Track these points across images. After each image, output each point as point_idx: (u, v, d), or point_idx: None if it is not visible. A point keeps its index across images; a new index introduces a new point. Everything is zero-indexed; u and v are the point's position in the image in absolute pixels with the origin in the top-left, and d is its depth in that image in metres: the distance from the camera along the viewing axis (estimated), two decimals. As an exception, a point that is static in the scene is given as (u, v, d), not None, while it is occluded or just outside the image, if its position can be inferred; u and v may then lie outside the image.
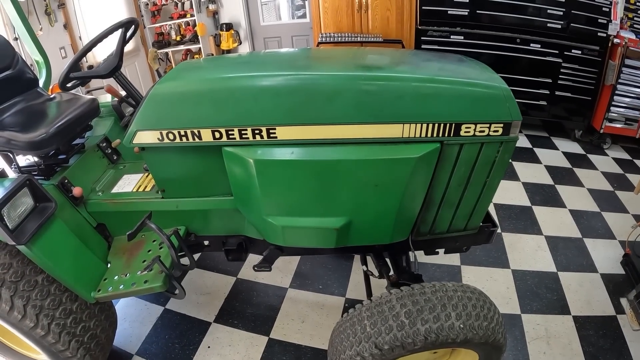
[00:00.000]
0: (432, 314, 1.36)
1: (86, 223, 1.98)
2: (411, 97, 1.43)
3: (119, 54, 1.81)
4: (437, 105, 1.43)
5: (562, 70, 4.15)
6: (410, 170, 1.48)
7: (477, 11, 4.06)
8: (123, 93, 2.00)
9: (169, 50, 5.98)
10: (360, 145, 1.49)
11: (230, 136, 1.51)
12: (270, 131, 1.48)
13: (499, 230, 3.01)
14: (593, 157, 4.23)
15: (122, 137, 1.66)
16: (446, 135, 1.45)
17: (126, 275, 1.83)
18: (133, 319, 2.51)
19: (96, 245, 1.96)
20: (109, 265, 1.94)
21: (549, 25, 3.98)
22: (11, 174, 1.98)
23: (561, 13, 3.96)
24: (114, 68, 1.81)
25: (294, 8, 5.71)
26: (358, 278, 2.64)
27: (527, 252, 2.84)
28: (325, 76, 1.48)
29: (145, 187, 1.99)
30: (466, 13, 4.08)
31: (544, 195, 3.55)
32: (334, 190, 1.57)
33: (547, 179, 3.79)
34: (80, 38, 4.71)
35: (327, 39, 4.17)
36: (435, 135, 1.45)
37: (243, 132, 1.50)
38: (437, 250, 2.00)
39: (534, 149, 4.35)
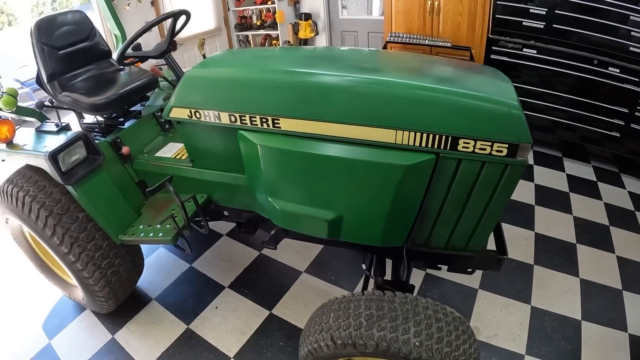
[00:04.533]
0: (390, 323, 1.36)
1: (130, 178, 2.33)
2: (402, 103, 1.47)
3: (169, 40, 2.14)
4: (432, 114, 1.44)
5: (641, 101, 3.77)
6: (399, 177, 1.53)
7: (554, 25, 3.82)
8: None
9: (249, 33, 6.38)
10: (353, 146, 1.58)
11: (243, 121, 1.74)
12: (275, 121, 1.68)
13: (531, 263, 2.87)
14: (661, 204, 3.78)
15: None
16: (442, 147, 1.46)
17: (149, 227, 2.16)
18: (160, 268, 2.89)
19: (134, 198, 2.32)
20: (141, 215, 2.29)
21: (631, 49, 3.65)
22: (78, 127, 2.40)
23: (647, 36, 3.60)
24: (163, 51, 2.14)
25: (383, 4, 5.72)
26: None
27: (555, 292, 2.64)
28: (320, 75, 1.62)
29: (182, 155, 2.29)
30: (542, 26, 3.86)
31: (593, 234, 3.24)
32: (326, 184, 1.70)
33: (602, 218, 3.46)
34: (164, 15, 5.19)
35: (396, 39, 4.23)
36: (430, 146, 1.47)
37: (253, 119, 1.71)
38: (438, 265, 1.98)
39: (598, 183, 4.00)
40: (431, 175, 1.54)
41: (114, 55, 2.75)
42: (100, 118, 2.39)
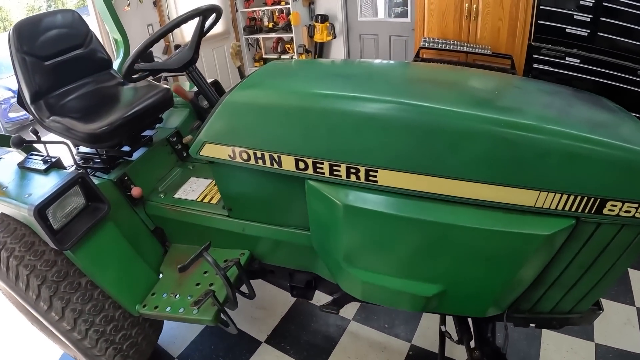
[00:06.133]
0: None
1: (142, 225, 1.72)
2: (559, 157, 1.01)
3: (195, 46, 1.46)
4: (587, 172, 1.02)
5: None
6: (534, 248, 1.08)
7: (599, 33, 3.36)
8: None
9: (259, 36, 5.68)
10: (480, 210, 1.08)
11: (318, 170, 1.14)
12: (370, 173, 1.08)
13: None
14: None
15: (194, 135, 1.34)
16: (586, 211, 1.04)
17: (176, 296, 1.56)
18: (181, 319, 2.28)
19: (150, 251, 1.72)
20: (160, 275, 1.68)
21: (677, 61, 3.25)
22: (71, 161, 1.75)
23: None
24: (187, 62, 1.45)
25: (391, 5, 5.15)
26: (428, 323, 2.23)
27: (615, 325, 2.33)
28: (453, 113, 1.04)
29: (212, 198, 1.66)
30: (586, 34, 3.39)
31: (642, 257, 2.91)
32: (435, 256, 1.18)
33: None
34: (168, 17, 4.50)
35: (430, 44, 3.67)
36: (573, 209, 1.04)
37: (335, 167, 1.11)
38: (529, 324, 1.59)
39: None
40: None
41: (115, 65, 2.08)
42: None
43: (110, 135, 1.59)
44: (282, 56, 5.60)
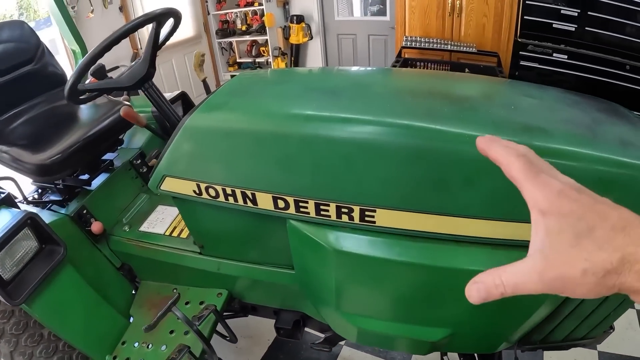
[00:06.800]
0: None
1: (107, 264, 1.52)
2: (592, 186, 0.81)
3: (150, 59, 1.22)
4: (619, 200, 0.83)
5: (672, 111, 3.29)
6: None
7: (587, 28, 3.26)
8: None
9: (233, 39, 5.43)
10: (497, 250, 0.90)
11: (302, 209, 0.94)
12: (367, 213, 0.89)
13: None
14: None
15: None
16: None
17: (148, 346, 1.37)
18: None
19: (117, 292, 1.52)
20: (131, 319, 1.49)
21: (667, 55, 3.16)
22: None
23: (683, 42, 3.11)
24: (141, 78, 1.22)
25: (366, 3, 4.98)
26: (426, 346, 2.08)
27: (617, 331, 2.31)
28: (470, 138, 0.84)
29: (181, 230, 1.46)
30: (573, 29, 3.28)
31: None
32: (443, 302, 1.01)
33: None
34: (136, 23, 4.25)
35: (413, 43, 3.52)
36: None
37: (323, 207, 0.92)
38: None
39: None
40: None
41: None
42: None
43: (62, 165, 1.39)
44: (257, 59, 5.40)
